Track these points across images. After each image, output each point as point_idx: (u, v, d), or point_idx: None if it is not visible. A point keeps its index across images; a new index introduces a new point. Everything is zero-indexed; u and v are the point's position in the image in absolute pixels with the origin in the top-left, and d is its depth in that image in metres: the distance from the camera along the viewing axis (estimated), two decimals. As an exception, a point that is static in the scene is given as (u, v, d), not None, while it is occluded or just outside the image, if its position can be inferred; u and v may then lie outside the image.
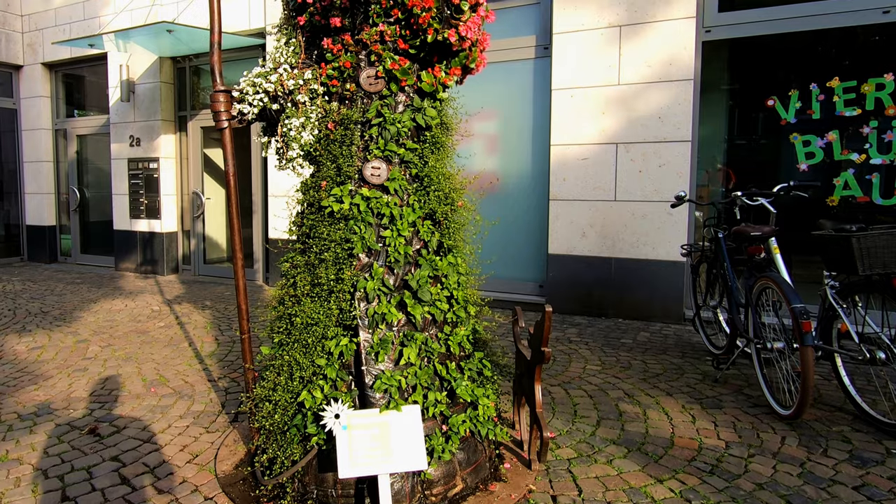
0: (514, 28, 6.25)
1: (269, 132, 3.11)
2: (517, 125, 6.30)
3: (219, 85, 2.87)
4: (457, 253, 2.73)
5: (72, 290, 7.59)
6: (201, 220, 8.73)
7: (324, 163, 2.71)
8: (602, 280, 5.73)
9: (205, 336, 5.24)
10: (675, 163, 5.36)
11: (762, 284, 3.40)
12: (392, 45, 2.78)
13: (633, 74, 5.51)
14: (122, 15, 8.77)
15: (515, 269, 6.34)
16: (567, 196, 5.84)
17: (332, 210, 2.56)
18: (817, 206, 5.02)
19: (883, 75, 4.83)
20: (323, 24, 2.91)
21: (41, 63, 10.02)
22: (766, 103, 5.26)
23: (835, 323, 3.21)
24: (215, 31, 2.86)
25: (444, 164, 2.87)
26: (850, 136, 5.00)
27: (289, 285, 2.63)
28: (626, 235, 5.61)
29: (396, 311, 2.49)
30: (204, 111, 8.66)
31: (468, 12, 2.76)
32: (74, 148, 10.15)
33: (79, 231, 10.21)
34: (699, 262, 4.47)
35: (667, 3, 5.36)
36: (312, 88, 2.85)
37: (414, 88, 2.86)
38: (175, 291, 7.45)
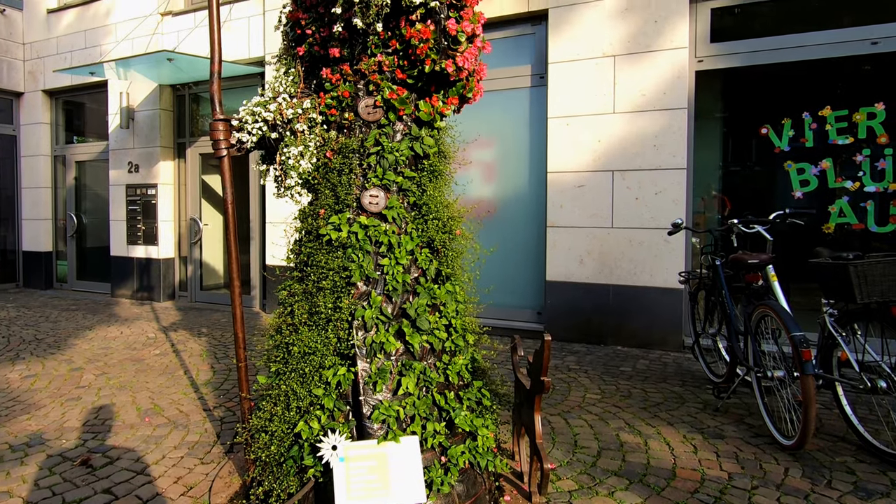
0: (510, 58, 6.34)
1: (268, 160, 3.12)
2: (514, 153, 6.35)
3: (218, 114, 2.90)
4: (455, 281, 2.72)
5: (67, 316, 7.53)
6: (198, 246, 8.73)
7: (322, 191, 2.71)
8: (600, 307, 5.71)
9: (200, 364, 5.19)
10: (671, 190, 5.40)
11: (761, 312, 3.39)
12: (390, 75, 2.81)
13: (627, 103, 5.58)
14: (123, 43, 8.88)
15: (513, 297, 6.33)
16: (564, 223, 5.86)
17: (330, 238, 2.56)
18: (813, 234, 5.05)
19: (874, 104, 4.89)
20: (322, 54, 2.95)
21: (42, 90, 10.12)
22: (760, 131, 5.31)
23: (835, 351, 3.19)
24: (215, 61, 2.90)
25: (442, 192, 2.88)
26: (843, 164, 5.04)
27: (286, 314, 2.61)
28: (623, 263, 5.61)
29: (394, 339, 2.47)
30: (203, 138, 8.72)
31: (465, 43, 2.80)
32: (73, 174, 10.18)
33: (75, 257, 10.18)
34: (697, 290, 4.47)
35: (659, 33, 5.45)
36: (311, 117, 2.87)
37: (412, 117, 2.89)
38: (171, 318, 7.41)
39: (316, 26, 2.90)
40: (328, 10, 2.73)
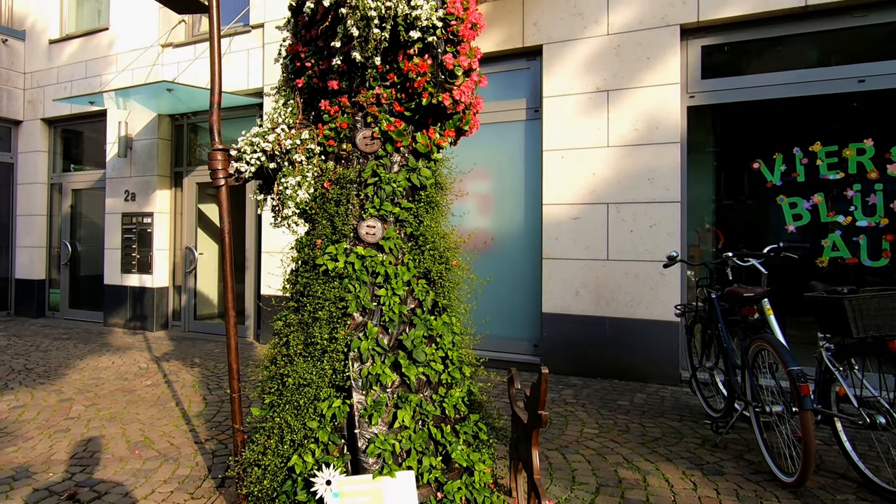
0: (506, 91, 6.44)
1: (266, 190, 3.14)
2: (510, 184, 6.40)
3: (217, 144, 2.92)
4: (451, 312, 2.71)
5: (58, 345, 7.44)
6: (193, 275, 8.69)
7: (319, 221, 2.72)
8: (597, 340, 5.69)
9: (192, 395, 5.11)
10: (666, 223, 5.43)
11: (758, 346, 3.38)
12: (388, 108, 2.85)
13: (621, 137, 5.65)
14: (123, 74, 8.98)
15: (510, 329, 6.30)
16: (560, 255, 5.87)
17: (326, 268, 2.56)
18: (807, 268, 5.07)
19: (863, 140, 4.97)
20: (321, 86, 2.99)
21: (41, 119, 10.19)
22: (752, 166, 5.38)
23: (832, 386, 3.18)
24: (215, 92, 2.93)
25: (439, 223, 2.89)
26: (834, 199, 5.10)
27: (281, 344, 2.59)
28: (619, 295, 5.61)
29: (391, 371, 2.45)
30: (200, 167, 8.76)
31: (462, 77, 2.85)
32: (69, 202, 10.18)
33: (68, 285, 10.11)
34: (693, 323, 4.45)
35: (651, 69, 5.55)
36: (309, 148, 2.90)
37: (409, 149, 2.91)
38: (164, 348, 7.33)
39: (315, 59, 2.95)
40: (327, 43, 2.78)
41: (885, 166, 4.90)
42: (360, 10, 2.51)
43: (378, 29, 2.56)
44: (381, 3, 2.51)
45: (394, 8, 2.53)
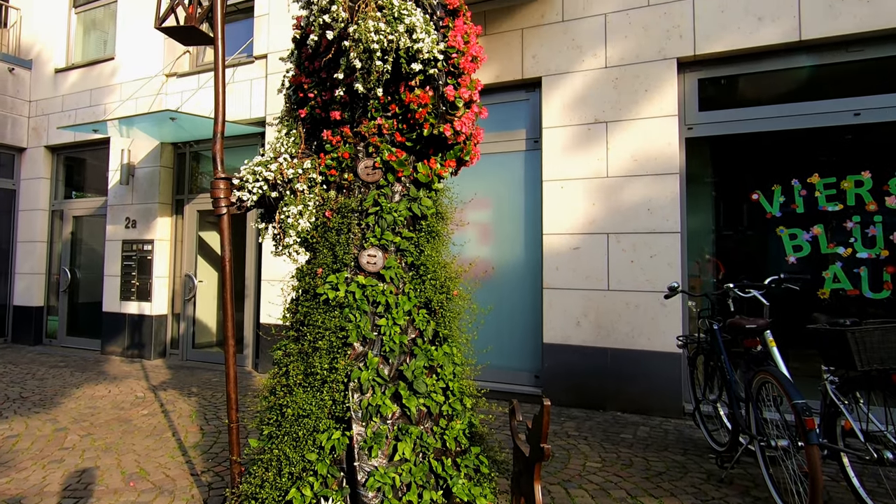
0: (506, 122, 6.50)
1: (267, 219, 3.15)
2: (510, 214, 6.41)
3: (220, 172, 2.93)
4: (452, 342, 2.69)
5: (54, 373, 7.37)
6: (192, 303, 8.65)
7: (320, 250, 2.72)
8: (598, 371, 5.64)
9: (189, 425, 5.04)
10: (666, 253, 5.43)
11: (761, 379, 3.34)
12: (389, 138, 2.87)
13: (620, 167, 5.69)
14: (127, 102, 9.09)
15: (510, 359, 6.24)
16: (560, 285, 5.86)
17: (327, 297, 2.55)
18: (809, 299, 5.05)
19: (860, 172, 5.00)
20: (323, 116, 3.02)
21: (44, 146, 10.26)
22: (751, 197, 5.40)
23: (838, 420, 3.13)
24: (219, 122, 2.95)
25: (440, 252, 2.89)
26: (834, 230, 5.10)
27: (281, 374, 2.56)
28: (620, 325, 5.58)
29: (391, 402, 2.42)
30: (201, 195, 8.80)
31: (462, 109, 2.88)
32: (70, 229, 10.20)
33: (66, 312, 10.05)
34: (696, 354, 4.42)
35: (649, 101, 5.62)
36: (311, 177, 2.91)
37: (410, 179, 2.93)
38: (161, 377, 7.25)
39: (318, 90, 2.99)
40: (330, 75, 2.82)
41: (883, 198, 4.92)
42: (362, 43, 2.55)
43: (380, 61, 2.60)
44: (384, 36, 2.55)
45: (396, 41, 2.58)
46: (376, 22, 2.56)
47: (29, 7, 10.67)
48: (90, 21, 10.43)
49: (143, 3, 9.10)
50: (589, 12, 5.95)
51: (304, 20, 2.88)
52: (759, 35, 5.22)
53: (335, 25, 2.58)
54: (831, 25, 4.99)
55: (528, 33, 6.25)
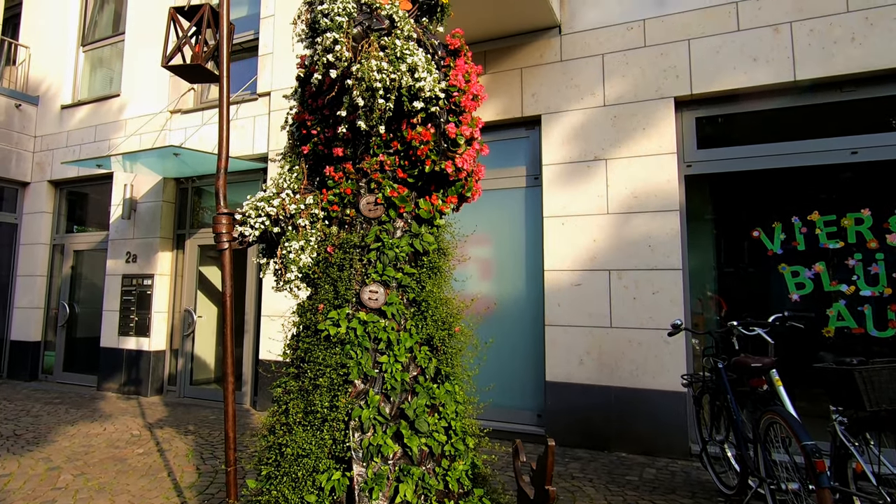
0: (506, 159, 6.56)
1: (269, 254, 3.14)
2: (511, 250, 6.41)
3: (222, 208, 2.94)
4: (454, 380, 2.65)
5: (49, 410, 7.26)
6: (191, 338, 8.58)
7: (322, 285, 2.70)
8: (602, 410, 5.54)
9: (185, 465, 4.94)
10: (668, 290, 5.40)
11: (769, 419, 3.28)
12: (391, 174, 2.89)
13: (620, 204, 5.71)
14: (132, 138, 9.18)
15: (512, 398, 6.15)
16: (562, 322, 5.81)
17: (328, 333, 2.52)
18: (814, 337, 5.00)
19: (860, 210, 5.02)
20: (326, 153, 3.05)
21: (48, 181, 10.33)
22: (752, 234, 5.41)
23: (849, 462, 3.06)
24: (223, 158, 2.98)
25: (442, 288, 2.88)
26: (836, 268, 5.09)
27: (280, 412, 2.52)
28: (623, 363, 5.51)
29: (392, 442, 2.37)
30: (203, 229, 8.82)
31: (464, 146, 2.91)
32: (70, 263, 10.19)
33: (64, 348, 9.95)
34: (701, 393, 4.35)
35: (648, 139, 5.67)
36: (313, 213, 2.92)
37: (412, 215, 2.94)
38: (157, 414, 7.14)
39: (321, 127, 3.02)
40: (333, 112, 2.85)
41: (884, 236, 4.92)
42: (365, 82, 2.58)
43: (383, 99, 2.63)
44: (386, 75, 2.59)
45: (398, 80, 2.61)
46: (379, 61, 2.60)
47: (38, 45, 10.89)
48: (97, 59, 10.63)
49: (149, 41, 9.29)
50: (587, 52, 6.06)
51: (308, 59, 2.93)
52: (754, 75, 5.31)
53: (339, 64, 2.62)
54: (825, 66, 5.08)
55: (528, 72, 6.35)
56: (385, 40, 2.70)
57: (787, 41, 5.21)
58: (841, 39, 5.03)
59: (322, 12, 2.63)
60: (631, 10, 5.90)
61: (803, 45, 5.15)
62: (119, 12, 10.42)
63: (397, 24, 2.77)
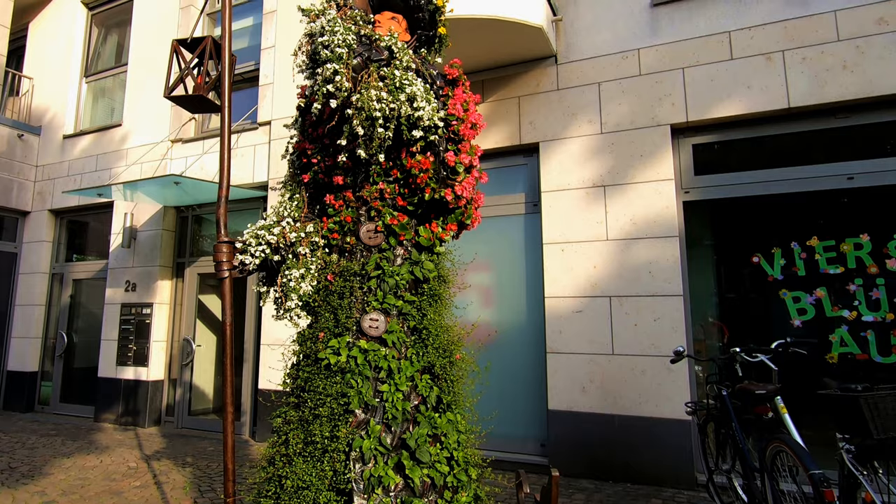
0: (505, 186, 6.59)
1: (269, 282, 3.14)
2: (511, 277, 6.41)
3: (223, 236, 2.94)
4: (456, 409, 2.62)
5: (45, 442, 7.16)
6: (190, 367, 8.51)
7: (322, 314, 2.69)
8: (606, 439, 5.46)
9: (183, 498, 4.85)
10: (669, 317, 5.38)
11: (775, 447, 3.23)
12: (391, 202, 2.90)
13: (619, 230, 5.72)
14: (133, 167, 9.24)
15: (515, 427, 6.07)
16: (564, 349, 5.78)
17: (328, 362, 2.50)
18: (818, 363, 4.96)
19: (859, 235, 5.03)
20: (326, 181, 3.06)
21: (48, 210, 10.36)
22: (752, 260, 5.41)
23: (858, 492, 3.00)
24: (223, 187, 2.99)
25: (442, 316, 2.87)
26: (838, 293, 5.07)
27: (280, 443, 2.48)
28: (626, 391, 5.46)
29: (394, 473, 2.33)
30: (202, 258, 8.81)
31: (463, 174, 2.93)
32: (69, 292, 10.15)
33: (61, 378, 9.85)
34: (706, 421, 4.29)
35: (645, 166, 5.71)
36: (314, 241, 2.92)
37: (412, 242, 2.94)
38: (155, 446, 7.04)
39: (321, 156, 3.04)
40: (333, 141, 2.88)
41: (884, 261, 4.93)
42: (365, 111, 2.61)
43: (382, 128, 2.66)
44: (386, 105, 2.62)
45: (397, 109, 2.64)
46: (378, 91, 2.63)
47: (41, 76, 11.04)
48: (99, 89, 10.77)
49: (151, 72, 9.42)
50: (583, 81, 6.14)
51: (309, 89, 2.96)
52: (748, 103, 5.37)
53: (339, 94, 2.65)
54: (818, 94, 5.14)
55: (525, 101, 6.43)
56: (384, 71, 2.73)
57: (779, 69, 5.29)
58: (833, 67, 5.10)
59: (322, 44, 2.67)
60: (625, 40, 6.00)
61: (796, 72, 5.23)
62: (122, 44, 10.59)
63: (396, 54, 2.81)
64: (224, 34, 3.36)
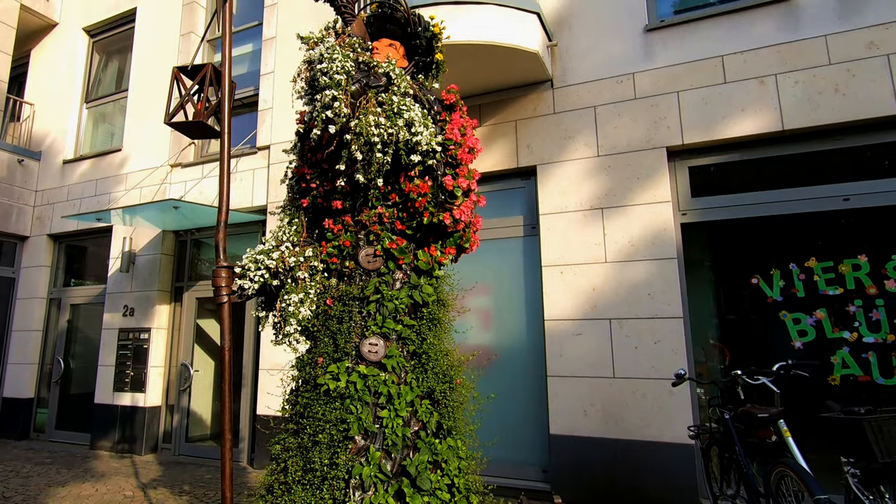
0: (504, 209, 6.61)
1: (267, 307, 3.13)
2: (511, 300, 6.39)
3: (222, 261, 2.94)
4: (457, 435, 2.59)
5: (39, 471, 7.06)
6: (187, 393, 8.43)
7: (321, 338, 2.68)
8: (609, 464, 5.39)
9: (176, 526, 4.78)
10: (670, 339, 5.36)
11: (779, 472, 3.20)
12: (390, 226, 2.91)
13: (618, 252, 5.72)
14: (132, 192, 9.27)
15: (516, 452, 5.99)
16: (565, 372, 5.74)
17: (328, 388, 2.48)
18: (820, 386, 4.92)
19: (857, 256, 5.03)
20: (325, 206, 3.08)
21: (47, 234, 10.36)
22: (751, 281, 5.40)
23: (864, 516, 2.97)
24: (223, 211, 3.00)
25: (442, 340, 2.86)
26: (838, 315, 5.06)
27: (279, 470, 2.45)
28: (628, 415, 5.40)
29: (394, 501, 2.30)
30: (201, 282, 8.79)
31: (461, 197, 2.94)
32: (66, 317, 10.10)
33: (57, 404, 9.74)
34: (709, 445, 4.24)
35: (642, 188, 5.74)
36: (312, 265, 2.92)
37: (411, 266, 2.94)
38: (151, 474, 6.94)
39: (320, 181, 3.06)
40: (332, 166, 2.90)
41: (882, 282, 4.92)
42: (363, 137, 2.63)
43: (380, 153, 2.68)
44: (384, 130, 2.64)
45: (395, 134, 2.67)
46: (377, 117, 2.66)
47: (42, 102, 11.12)
48: (100, 114, 10.85)
49: (152, 97, 9.50)
50: (579, 105, 6.20)
51: (308, 115, 2.99)
52: (743, 125, 5.42)
53: (337, 120, 2.67)
54: (811, 116, 5.19)
55: (522, 124, 6.48)
56: (382, 96, 2.76)
57: (773, 93, 5.35)
58: (825, 90, 5.16)
59: (321, 71, 2.71)
60: (620, 64, 6.07)
61: (789, 96, 5.28)
62: (123, 70, 10.70)
63: (394, 80, 2.84)
64: (224, 61, 3.39)
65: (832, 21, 5.23)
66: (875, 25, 5.07)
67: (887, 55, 5.00)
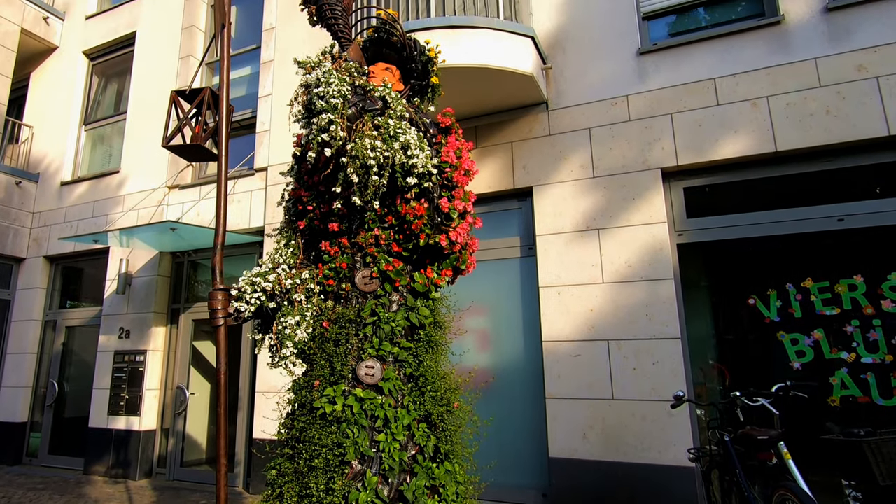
0: (500, 230, 6.62)
1: (264, 330, 3.11)
2: (508, 321, 6.37)
3: (218, 283, 2.93)
4: (454, 459, 2.57)
5: (32, 497, 6.95)
6: (183, 416, 8.34)
7: (318, 361, 2.67)
8: (610, 488, 5.32)
9: (169, 553, 4.69)
10: (669, 360, 5.34)
11: (781, 495, 3.17)
12: (386, 248, 2.91)
13: (615, 273, 5.72)
14: (129, 213, 9.27)
15: (515, 476, 5.92)
16: (563, 394, 5.70)
17: (324, 411, 2.46)
18: (820, 407, 4.89)
19: (853, 276, 5.04)
20: (321, 228, 3.08)
21: (43, 256, 10.32)
22: (748, 301, 5.40)
23: (865, 539, 2.94)
24: (220, 234, 3.00)
25: (439, 362, 2.85)
26: (836, 335, 5.05)
27: (274, 496, 2.42)
28: (628, 438, 5.36)
29: (390, 528, 2.27)
30: (197, 304, 8.75)
31: (457, 219, 2.95)
32: (62, 339, 10.02)
33: (50, 428, 9.61)
34: (710, 468, 4.20)
35: (637, 209, 5.76)
36: (309, 287, 2.92)
37: (408, 288, 2.94)
38: (145, 500, 6.84)
39: (317, 203, 3.07)
40: (329, 188, 2.91)
41: (879, 302, 4.93)
42: (360, 159, 2.65)
43: (377, 176, 2.70)
44: (380, 153, 2.66)
45: (391, 157, 2.69)
46: (373, 140, 2.68)
47: (41, 124, 11.18)
48: (98, 136, 10.89)
49: (150, 120, 9.55)
50: (574, 126, 6.26)
51: (304, 138, 3.01)
52: (736, 147, 5.47)
53: (334, 143, 2.69)
54: (803, 138, 5.24)
55: (518, 146, 6.53)
56: (378, 120, 2.79)
57: (765, 114, 5.40)
58: (816, 112, 5.22)
59: (318, 94, 2.73)
60: (614, 87, 6.14)
61: (781, 117, 5.34)
62: (122, 92, 10.77)
63: (390, 104, 2.87)
64: (222, 85, 3.42)
65: (822, 44, 5.31)
66: (864, 49, 5.15)
67: (876, 77, 5.07)
